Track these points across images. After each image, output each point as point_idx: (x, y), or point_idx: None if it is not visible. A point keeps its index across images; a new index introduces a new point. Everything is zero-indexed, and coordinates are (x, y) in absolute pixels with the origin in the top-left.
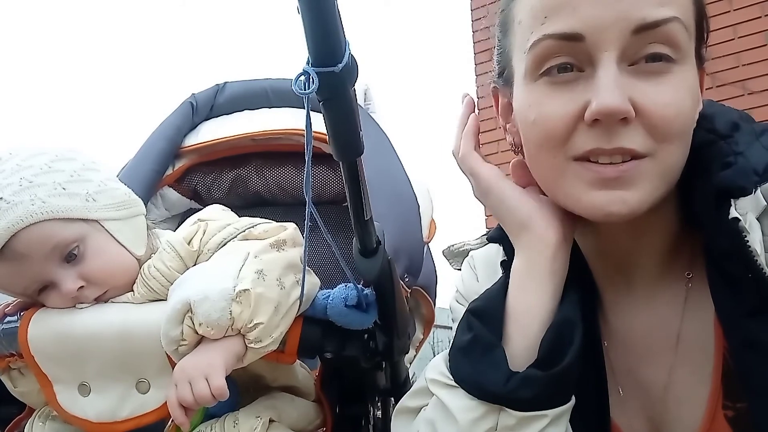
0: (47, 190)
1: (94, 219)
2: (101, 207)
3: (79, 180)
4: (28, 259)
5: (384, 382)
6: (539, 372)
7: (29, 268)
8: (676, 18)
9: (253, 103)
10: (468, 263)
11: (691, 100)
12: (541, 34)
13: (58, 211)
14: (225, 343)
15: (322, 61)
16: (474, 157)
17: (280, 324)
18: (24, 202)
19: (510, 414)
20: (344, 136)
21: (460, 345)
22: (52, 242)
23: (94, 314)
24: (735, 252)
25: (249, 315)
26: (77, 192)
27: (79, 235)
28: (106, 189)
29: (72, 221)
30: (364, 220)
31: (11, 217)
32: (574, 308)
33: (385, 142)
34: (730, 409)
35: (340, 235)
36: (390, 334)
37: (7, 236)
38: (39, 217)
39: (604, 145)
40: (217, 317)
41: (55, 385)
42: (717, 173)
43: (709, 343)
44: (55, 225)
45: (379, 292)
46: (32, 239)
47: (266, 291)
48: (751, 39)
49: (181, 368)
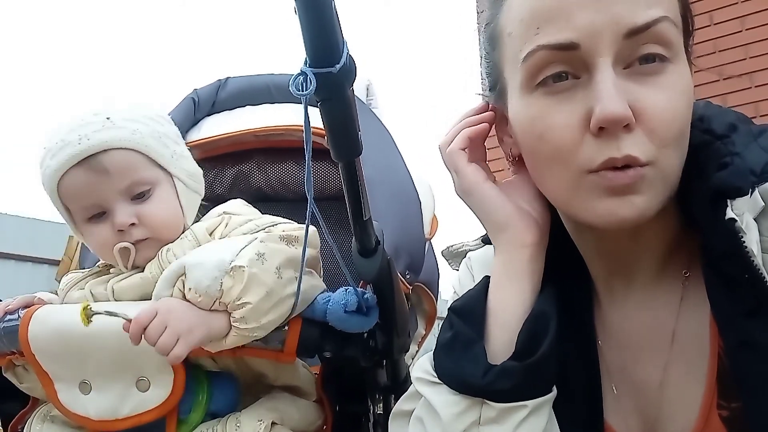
0: (148, 131)
1: (172, 173)
2: (180, 168)
3: (172, 139)
4: (107, 177)
5: (385, 379)
6: (516, 363)
7: (102, 187)
8: (665, 17)
9: (256, 99)
10: (465, 264)
11: (687, 100)
12: (535, 45)
13: (151, 151)
14: (211, 317)
15: (320, 62)
16: (460, 155)
17: (270, 312)
18: (127, 128)
19: (491, 406)
20: (342, 137)
21: (442, 342)
22: (133, 174)
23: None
24: (732, 252)
25: (239, 292)
26: (168, 145)
27: (156, 179)
28: (187, 157)
29: (156, 165)
30: (362, 220)
31: (111, 135)
32: (550, 302)
33: (387, 138)
34: (725, 408)
35: (342, 231)
36: (390, 334)
37: (101, 149)
38: (134, 146)
39: (615, 154)
40: (207, 285)
41: (56, 383)
42: (713, 174)
43: (704, 342)
44: (142, 160)
45: (379, 292)
46: (120, 161)
47: (261, 274)
48: (759, 31)
49: (168, 308)
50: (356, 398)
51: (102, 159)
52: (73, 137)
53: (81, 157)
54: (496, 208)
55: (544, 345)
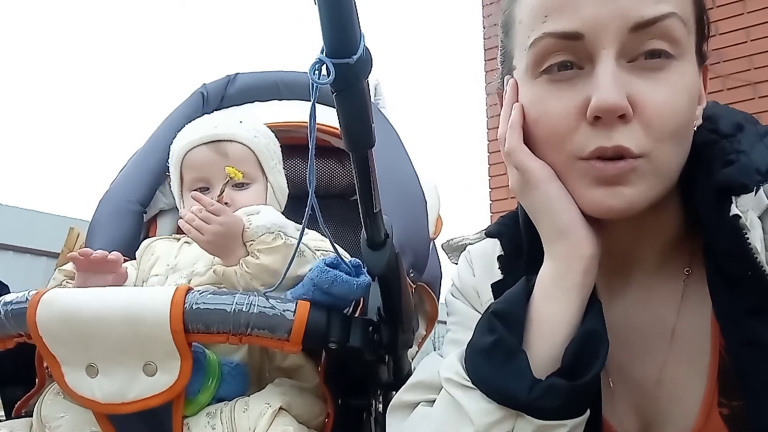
0: (265, 142)
1: (269, 179)
2: (275, 180)
3: (276, 155)
4: (224, 160)
5: (387, 375)
6: (564, 382)
7: (218, 166)
8: (673, 14)
9: (264, 95)
10: (465, 257)
11: (688, 98)
12: (542, 32)
13: (262, 155)
14: (238, 241)
15: (338, 53)
16: (524, 150)
17: (273, 247)
18: (250, 130)
19: (528, 421)
20: (356, 128)
21: (481, 346)
22: (243, 165)
23: (101, 297)
24: (735, 250)
25: (264, 248)
26: (273, 158)
27: (257, 177)
28: (282, 174)
29: (260, 168)
30: (373, 212)
31: (238, 131)
32: (600, 321)
33: (394, 138)
34: (726, 407)
35: (347, 229)
36: (395, 328)
37: (227, 138)
38: (252, 146)
39: (606, 144)
40: (256, 226)
41: (63, 366)
42: (718, 171)
43: (705, 340)
44: (253, 159)
45: (385, 285)
46: (238, 152)
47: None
48: (764, 42)
49: (221, 222)
50: (359, 393)
51: (226, 145)
52: (209, 124)
53: (210, 139)
54: (561, 212)
55: (595, 368)
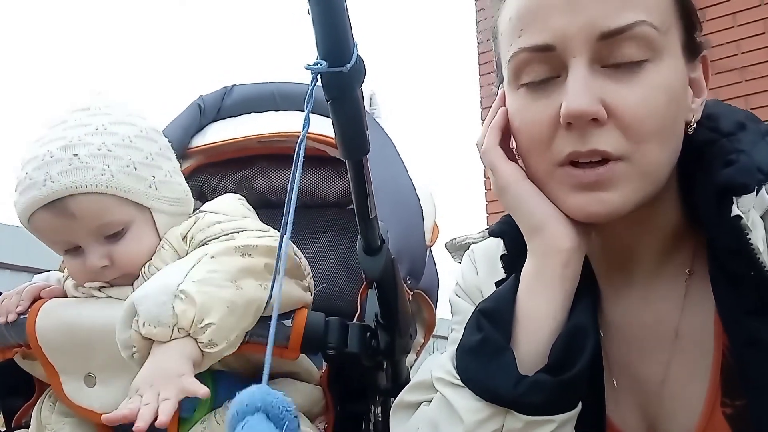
0: (120, 166)
1: (148, 207)
2: (159, 197)
3: (151, 164)
4: (76, 221)
5: (385, 382)
6: (549, 377)
7: (71, 229)
8: (641, 21)
9: (261, 106)
10: (468, 256)
11: (667, 96)
12: (518, 47)
13: (122, 190)
14: (177, 346)
15: (331, 61)
16: (496, 152)
17: (237, 327)
18: (96, 168)
19: (517, 417)
20: (351, 135)
21: (469, 345)
22: (104, 218)
23: (100, 308)
24: (737, 250)
25: (197, 314)
26: (145, 176)
27: (130, 218)
28: (170, 182)
29: (129, 203)
30: (368, 218)
31: (78, 179)
32: (587, 315)
33: (390, 148)
34: (729, 406)
35: (343, 237)
36: (392, 333)
37: (67, 194)
38: (103, 189)
39: (580, 148)
40: (157, 312)
41: (62, 375)
42: (718, 170)
43: (708, 339)
44: (113, 202)
45: (382, 291)
46: (87, 206)
47: (218, 291)
48: (750, 27)
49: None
50: (357, 399)
51: (68, 203)
52: (39, 177)
53: (46, 201)
54: (532, 209)
55: (580, 362)
